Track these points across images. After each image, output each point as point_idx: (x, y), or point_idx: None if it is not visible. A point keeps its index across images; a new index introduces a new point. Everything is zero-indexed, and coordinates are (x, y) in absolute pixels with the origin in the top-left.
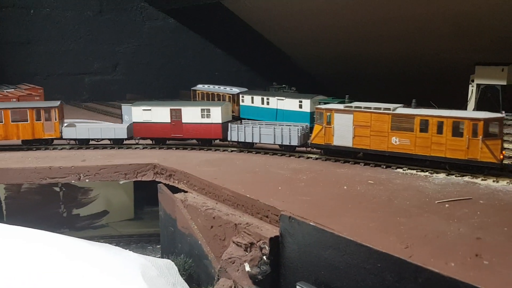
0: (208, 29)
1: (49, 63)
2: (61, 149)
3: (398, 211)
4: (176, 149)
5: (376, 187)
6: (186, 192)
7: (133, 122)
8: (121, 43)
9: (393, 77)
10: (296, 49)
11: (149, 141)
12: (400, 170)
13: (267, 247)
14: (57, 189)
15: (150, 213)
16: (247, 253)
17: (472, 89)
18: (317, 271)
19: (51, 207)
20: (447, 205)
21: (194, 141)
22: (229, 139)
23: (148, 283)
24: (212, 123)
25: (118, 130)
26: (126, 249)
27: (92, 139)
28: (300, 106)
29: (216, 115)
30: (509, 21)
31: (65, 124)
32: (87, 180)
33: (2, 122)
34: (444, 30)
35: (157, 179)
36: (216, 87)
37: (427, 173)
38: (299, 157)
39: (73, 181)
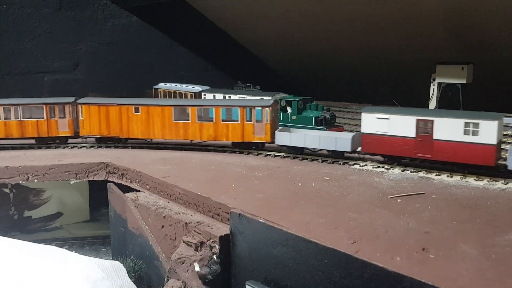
0: (172, 27)
1: (6, 62)
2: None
3: (350, 207)
4: (132, 148)
5: (331, 183)
6: (138, 191)
7: (362, 132)
8: (82, 41)
9: (358, 76)
10: (263, 48)
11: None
12: (357, 166)
13: (217, 246)
14: (7, 190)
15: (106, 215)
16: (197, 253)
17: (434, 88)
18: (267, 269)
19: (1, 209)
20: (399, 200)
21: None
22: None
23: (91, 286)
24: (480, 143)
25: (341, 141)
26: (79, 251)
27: (308, 149)
28: None
29: (488, 132)
30: (470, 20)
31: (279, 128)
32: (35, 180)
33: (213, 120)
34: (407, 30)
35: (109, 179)
36: (179, 85)
37: (383, 169)
38: (257, 154)
39: (21, 182)
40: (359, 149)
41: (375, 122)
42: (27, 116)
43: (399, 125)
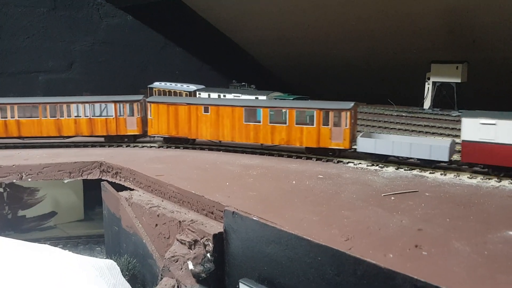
0: (168, 26)
1: (0, 61)
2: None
3: (343, 205)
4: (126, 146)
5: (325, 181)
6: (132, 190)
7: (463, 140)
8: (77, 40)
9: (353, 76)
10: (258, 48)
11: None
12: (351, 165)
13: (211, 244)
14: (1, 189)
15: (101, 214)
16: (191, 251)
17: (428, 87)
18: (260, 267)
19: None
20: (392, 198)
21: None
22: None
23: (85, 285)
24: None
25: (436, 149)
26: (73, 250)
27: (395, 157)
28: None
29: None
30: (464, 20)
31: (361, 134)
32: (29, 179)
33: (286, 123)
34: (402, 29)
35: (103, 177)
36: (173, 84)
37: (377, 167)
38: (251, 153)
39: (15, 181)
40: (455, 158)
41: (479, 128)
42: (97, 114)
43: (509, 131)
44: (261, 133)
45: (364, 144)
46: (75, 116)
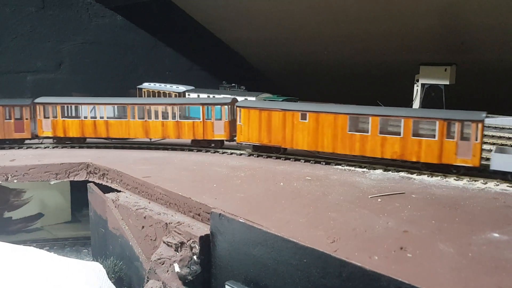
0: (157, 27)
1: None
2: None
3: (330, 206)
4: (114, 148)
5: (312, 183)
6: (119, 191)
7: None
8: (66, 40)
9: (342, 76)
10: (248, 49)
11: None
12: (339, 166)
13: (197, 246)
14: None
15: (88, 216)
16: (177, 253)
17: (417, 89)
18: (247, 269)
19: None
20: (379, 200)
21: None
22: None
23: (70, 287)
24: None
25: None
26: (60, 253)
27: None
28: None
29: None
30: (453, 22)
31: (494, 149)
32: (15, 181)
33: (400, 135)
34: (391, 31)
35: (90, 179)
36: (163, 85)
37: (364, 169)
38: (240, 154)
39: (0, 182)
40: None
41: None
42: (184, 117)
43: None
44: (369, 145)
45: (499, 161)
46: (163, 119)
